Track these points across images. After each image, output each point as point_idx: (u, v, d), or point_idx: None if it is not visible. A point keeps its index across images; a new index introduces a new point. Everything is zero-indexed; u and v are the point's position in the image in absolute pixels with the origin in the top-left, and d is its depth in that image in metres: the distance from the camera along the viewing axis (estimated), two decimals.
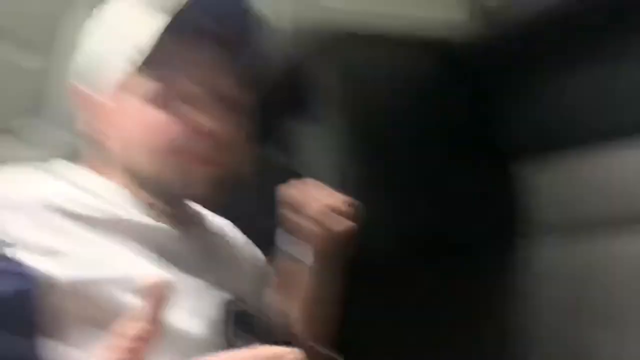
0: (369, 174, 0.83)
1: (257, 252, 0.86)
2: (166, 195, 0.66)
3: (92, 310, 0.50)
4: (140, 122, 0.65)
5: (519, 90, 0.96)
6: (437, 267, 1.07)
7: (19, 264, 0.50)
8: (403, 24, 0.88)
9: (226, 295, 0.64)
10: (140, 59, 0.64)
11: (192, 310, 0.59)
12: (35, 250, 0.51)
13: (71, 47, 0.72)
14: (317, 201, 0.74)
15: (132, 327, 0.36)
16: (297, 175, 0.90)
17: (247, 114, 0.70)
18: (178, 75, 0.65)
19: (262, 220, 1.04)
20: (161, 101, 0.65)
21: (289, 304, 0.81)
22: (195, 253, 0.68)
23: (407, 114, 0.88)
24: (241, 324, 0.62)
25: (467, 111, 0.96)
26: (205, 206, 0.72)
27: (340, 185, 0.82)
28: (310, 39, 0.86)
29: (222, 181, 0.66)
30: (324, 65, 0.86)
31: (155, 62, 0.64)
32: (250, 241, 0.87)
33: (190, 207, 0.74)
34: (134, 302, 0.46)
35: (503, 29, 0.89)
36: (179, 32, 0.63)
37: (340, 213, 0.74)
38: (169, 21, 0.62)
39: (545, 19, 0.83)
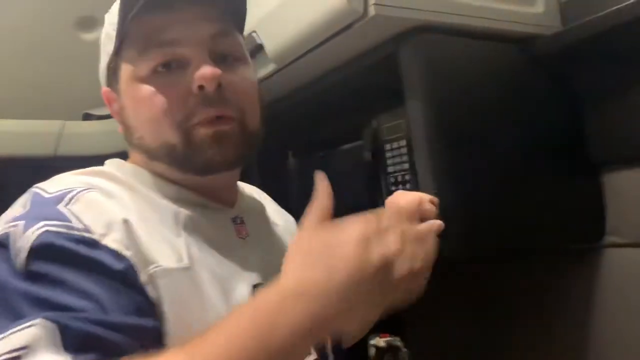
0: (449, 170, 0.82)
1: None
2: (191, 167, 0.64)
3: None
4: (134, 101, 0.65)
5: (603, 92, 0.93)
6: (514, 270, 1.10)
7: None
8: (481, 15, 0.87)
9: (255, 278, 0.65)
10: (117, 42, 0.65)
11: (219, 292, 0.60)
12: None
13: None
14: (411, 202, 0.72)
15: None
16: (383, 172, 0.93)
17: (243, 63, 0.68)
18: (151, 46, 0.63)
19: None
20: (144, 75, 0.63)
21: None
22: (227, 234, 0.68)
23: (488, 110, 0.87)
24: None
25: (550, 109, 0.95)
26: (233, 169, 0.69)
27: (420, 182, 0.83)
28: (391, 29, 0.84)
29: (239, 139, 0.64)
30: (405, 56, 0.84)
31: (127, 40, 0.64)
32: (294, 225, 0.88)
33: (233, 190, 0.73)
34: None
35: (582, 24, 0.86)
36: (133, 5, 0.61)
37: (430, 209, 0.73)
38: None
39: (628, 13, 0.79)
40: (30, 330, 0.46)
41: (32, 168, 1.39)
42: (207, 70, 0.61)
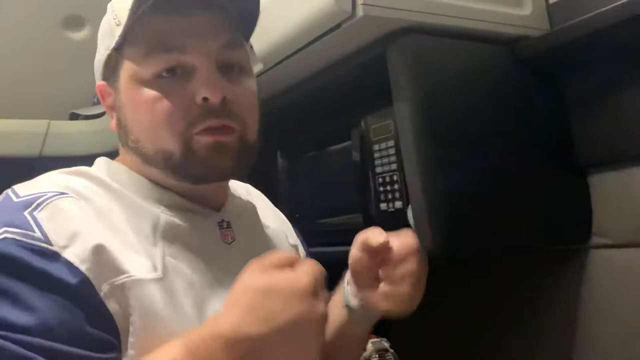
0: (437, 170, 0.82)
1: (292, 236, 0.86)
2: (188, 176, 0.64)
3: None
4: (134, 104, 0.63)
5: (590, 93, 0.93)
6: (500, 271, 1.10)
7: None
8: (469, 16, 0.87)
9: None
10: (120, 39, 0.62)
11: (193, 304, 0.59)
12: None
13: None
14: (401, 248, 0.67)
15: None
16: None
17: (248, 74, 0.67)
18: (157, 49, 0.61)
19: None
20: (147, 78, 0.62)
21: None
22: (212, 239, 0.67)
23: (476, 111, 0.87)
24: None
25: (537, 111, 0.95)
26: (229, 179, 0.70)
27: (408, 183, 0.83)
28: (380, 29, 0.84)
29: (239, 151, 0.64)
30: (393, 57, 0.84)
31: (132, 38, 0.62)
32: (288, 224, 0.87)
33: (223, 193, 0.72)
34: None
35: (569, 26, 0.86)
36: (150, 5, 0.59)
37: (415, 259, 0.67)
38: None
39: (615, 15, 0.78)
40: None
41: (17, 168, 1.37)
42: (213, 84, 0.60)
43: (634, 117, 0.88)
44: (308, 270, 0.52)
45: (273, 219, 0.82)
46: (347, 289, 0.76)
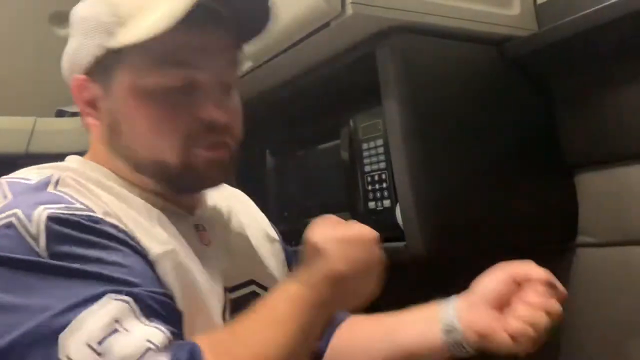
0: (425, 169, 0.83)
1: (272, 231, 0.83)
2: (182, 187, 0.65)
3: None
4: (135, 112, 0.61)
5: (577, 93, 0.94)
6: (487, 269, 1.09)
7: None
8: (458, 16, 0.88)
9: (220, 285, 0.65)
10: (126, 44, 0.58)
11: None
12: None
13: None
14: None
15: None
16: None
17: (236, 87, 0.67)
18: (166, 62, 0.60)
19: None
20: (152, 90, 0.60)
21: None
22: (193, 239, 0.66)
23: (464, 110, 0.88)
24: (237, 311, 0.62)
25: (525, 110, 0.96)
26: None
27: (397, 181, 0.84)
28: (369, 28, 0.84)
29: (229, 166, 0.65)
30: (382, 56, 0.85)
31: (143, 47, 0.57)
32: (266, 220, 0.85)
33: (197, 197, 0.71)
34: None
35: (557, 27, 0.87)
36: (189, 19, 0.56)
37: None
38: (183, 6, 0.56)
39: (602, 16, 0.80)
40: (114, 304, 0.47)
41: (2, 165, 1.36)
42: (221, 106, 0.62)
43: (620, 117, 0.89)
44: (366, 226, 0.61)
45: (249, 216, 0.81)
46: (451, 313, 0.75)
